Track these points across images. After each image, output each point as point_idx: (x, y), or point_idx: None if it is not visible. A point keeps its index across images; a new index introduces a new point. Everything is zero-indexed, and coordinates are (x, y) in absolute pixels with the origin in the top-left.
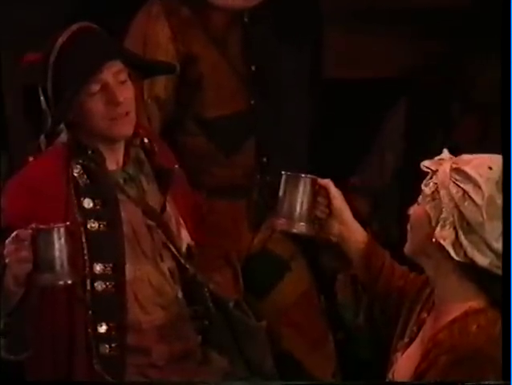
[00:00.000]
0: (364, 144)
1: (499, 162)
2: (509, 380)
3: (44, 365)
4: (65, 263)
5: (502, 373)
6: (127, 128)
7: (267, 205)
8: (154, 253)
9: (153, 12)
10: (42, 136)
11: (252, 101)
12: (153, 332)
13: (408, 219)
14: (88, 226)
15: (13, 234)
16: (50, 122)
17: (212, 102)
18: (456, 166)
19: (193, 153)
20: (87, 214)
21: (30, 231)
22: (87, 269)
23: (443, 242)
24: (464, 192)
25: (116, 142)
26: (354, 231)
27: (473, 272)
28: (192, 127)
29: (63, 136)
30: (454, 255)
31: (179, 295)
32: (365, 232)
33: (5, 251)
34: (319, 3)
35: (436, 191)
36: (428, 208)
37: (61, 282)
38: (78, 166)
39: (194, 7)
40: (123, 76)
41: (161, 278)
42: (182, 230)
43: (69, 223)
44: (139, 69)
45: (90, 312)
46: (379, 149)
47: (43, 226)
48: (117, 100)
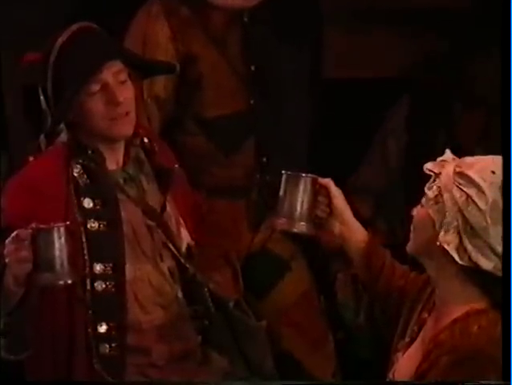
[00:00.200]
0: (364, 144)
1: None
2: (509, 380)
3: (44, 365)
4: (65, 263)
5: (502, 373)
6: (127, 128)
7: (267, 205)
8: (154, 253)
9: (153, 12)
10: (42, 136)
11: (252, 101)
12: (153, 332)
13: (411, 220)
14: (88, 226)
15: (13, 234)
16: (50, 122)
17: (211, 101)
18: (459, 170)
19: (193, 153)
20: (87, 214)
21: (30, 231)
22: (87, 269)
23: (447, 247)
24: (467, 197)
25: (116, 142)
26: (354, 230)
27: (477, 275)
28: (191, 126)
29: (63, 136)
30: (458, 259)
31: (179, 295)
32: (366, 231)
33: (5, 251)
34: (319, 3)
35: (439, 194)
36: (431, 211)
37: (61, 282)
38: (78, 166)
39: (194, 7)
40: (123, 76)
41: (161, 278)
42: (182, 230)
43: (69, 223)
44: (139, 69)
45: (90, 312)
46: (380, 149)
47: (43, 226)
48: (117, 100)
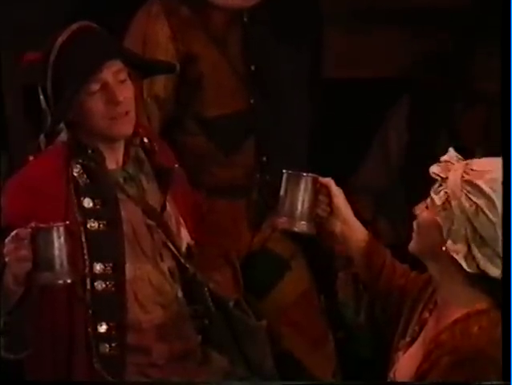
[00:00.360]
0: (364, 144)
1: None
2: (509, 381)
3: (44, 364)
4: (64, 262)
5: (503, 373)
6: (126, 128)
7: (267, 205)
8: (154, 253)
9: (153, 11)
10: (41, 136)
11: (252, 100)
12: (153, 331)
13: (414, 218)
14: (88, 226)
15: (12, 233)
16: (49, 121)
17: (211, 101)
18: (468, 178)
19: (193, 152)
20: (87, 213)
21: (30, 230)
22: (87, 269)
23: (456, 256)
24: (477, 207)
25: (116, 141)
26: (355, 229)
27: (483, 281)
28: (191, 126)
29: (63, 136)
30: (466, 267)
31: (179, 294)
32: (366, 231)
33: (4, 250)
34: (319, 3)
35: (447, 201)
36: (439, 218)
37: (60, 281)
38: (78, 165)
39: (194, 7)
40: (122, 75)
41: (161, 278)
42: (182, 229)
43: (69, 222)
44: (139, 68)
45: (90, 311)
46: (381, 148)
47: (43, 225)
48: (117, 99)
